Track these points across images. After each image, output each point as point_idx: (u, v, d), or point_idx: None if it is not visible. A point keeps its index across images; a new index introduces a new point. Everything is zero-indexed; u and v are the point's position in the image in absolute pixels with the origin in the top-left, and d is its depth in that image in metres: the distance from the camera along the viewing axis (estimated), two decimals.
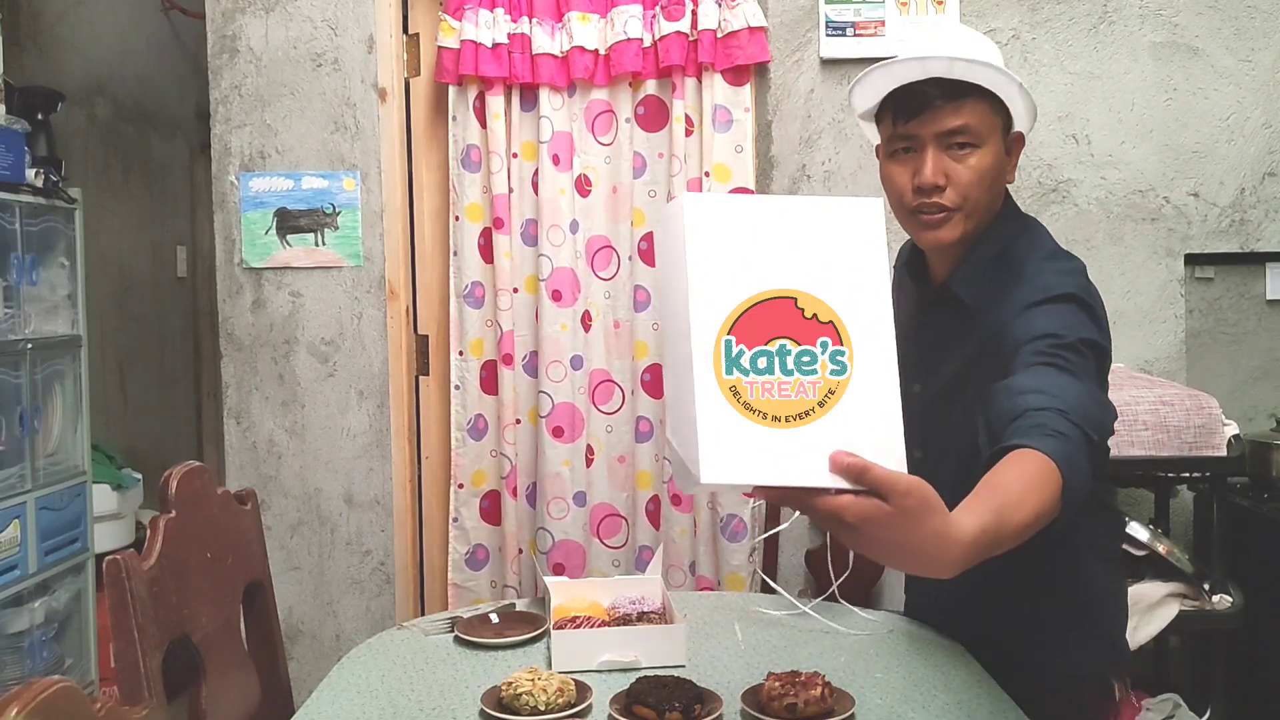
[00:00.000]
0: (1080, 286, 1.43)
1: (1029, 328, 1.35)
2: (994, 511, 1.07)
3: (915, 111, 1.45)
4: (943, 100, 1.44)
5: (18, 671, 2.58)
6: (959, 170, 1.45)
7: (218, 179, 2.76)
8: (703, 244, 1.01)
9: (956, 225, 1.47)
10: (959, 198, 1.46)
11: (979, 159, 1.45)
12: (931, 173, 1.45)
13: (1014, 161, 1.53)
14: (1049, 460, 1.14)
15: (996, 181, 1.49)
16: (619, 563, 2.77)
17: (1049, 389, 1.25)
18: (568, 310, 2.72)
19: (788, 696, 1.39)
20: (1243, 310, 2.75)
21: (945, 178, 1.46)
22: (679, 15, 2.61)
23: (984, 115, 1.45)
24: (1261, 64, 2.66)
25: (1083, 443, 1.20)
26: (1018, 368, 1.32)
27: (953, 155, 1.45)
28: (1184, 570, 2.27)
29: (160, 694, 1.40)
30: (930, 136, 1.45)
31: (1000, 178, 1.50)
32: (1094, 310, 1.42)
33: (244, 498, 1.81)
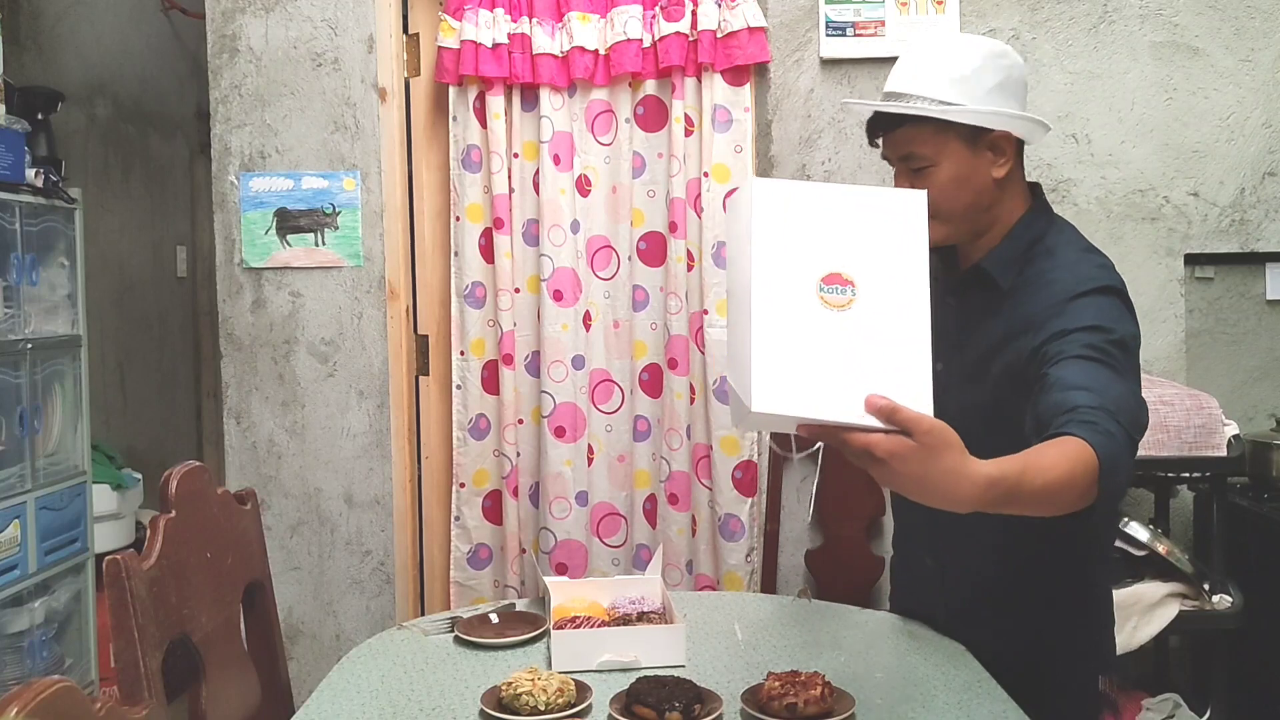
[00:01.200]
0: (1120, 281, 1.51)
1: (1078, 316, 1.41)
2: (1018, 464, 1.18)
3: (872, 142, 1.63)
4: (884, 132, 1.59)
5: (18, 671, 2.58)
6: (919, 185, 1.52)
7: (218, 179, 2.76)
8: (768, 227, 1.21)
9: (938, 229, 1.49)
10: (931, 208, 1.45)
11: (934, 175, 1.55)
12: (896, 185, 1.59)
13: (1005, 159, 1.57)
14: (1089, 448, 1.21)
15: (966, 188, 1.56)
16: (618, 561, 2.77)
17: (1097, 387, 1.31)
18: (569, 310, 2.72)
19: (788, 696, 1.39)
20: (1243, 310, 2.75)
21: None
22: (679, 16, 2.61)
23: (926, 138, 1.54)
24: (1261, 64, 2.66)
25: (1126, 443, 1.27)
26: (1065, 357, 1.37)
27: (913, 174, 1.57)
28: (1184, 570, 2.27)
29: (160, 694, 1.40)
30: (894, 159, 1.60)
31: (977, 184, 1.56)
32: (1131, 305, 1.49)
33: (244, 498, 1.81)
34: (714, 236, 2.65)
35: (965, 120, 1.52)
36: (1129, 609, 2.20)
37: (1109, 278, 1.50)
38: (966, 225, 1.59)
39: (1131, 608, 2.20)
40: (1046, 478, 1.19)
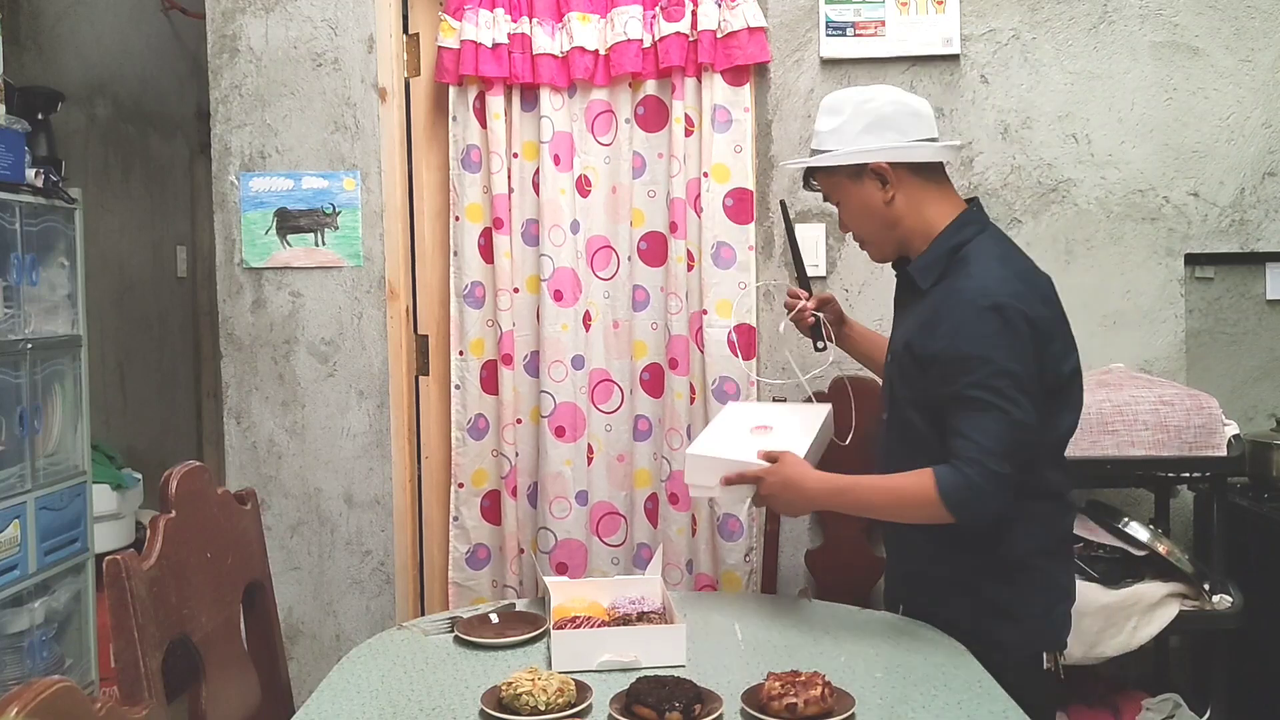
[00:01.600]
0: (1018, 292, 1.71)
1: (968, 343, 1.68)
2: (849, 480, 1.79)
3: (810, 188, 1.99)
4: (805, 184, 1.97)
5: (18, 671, 2.58)
6: (842, 218, 1.93)
7: (218, 179, 2.76)
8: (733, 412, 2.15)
9: (869, 250, 1.96)
10: (856, 236, 1.95)
11: (843, 209, 1.91)
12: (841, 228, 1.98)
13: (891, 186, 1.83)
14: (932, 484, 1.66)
15: (867, 214, 1.87)
16: (618, 560, 2.77)
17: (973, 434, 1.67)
18: (569, 310, 2.72)
19: (788, 696, 1.39)
20: (1243, 310, 2.75)
21: (844, 225, 1.95)
22: (679, 16, 2.61)
23: (825, 181, 1.90)
24: (1261, 64, 2.66)
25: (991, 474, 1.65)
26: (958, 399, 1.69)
27: (837, 208, 1.93)
28: (1184, 570, 2.27)
29: (160, 694, 1.40)
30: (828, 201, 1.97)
31: (873, 209, 1.86)
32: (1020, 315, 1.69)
33: (244, 498, 1.81)
34: (714, 237, 2.65)
35: (829, 163, 1.85)
36: (1129, 609, 2.20)
37: (1003, 292, 1.70)
38: (889, 244, 1.90)
39: (1131, 608, 2.20)
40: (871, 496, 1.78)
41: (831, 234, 2.70)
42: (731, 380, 2.66)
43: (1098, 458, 2.23)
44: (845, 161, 1.82)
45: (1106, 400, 2.26)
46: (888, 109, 1.83)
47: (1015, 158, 2.68)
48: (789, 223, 2.24)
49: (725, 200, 2.66)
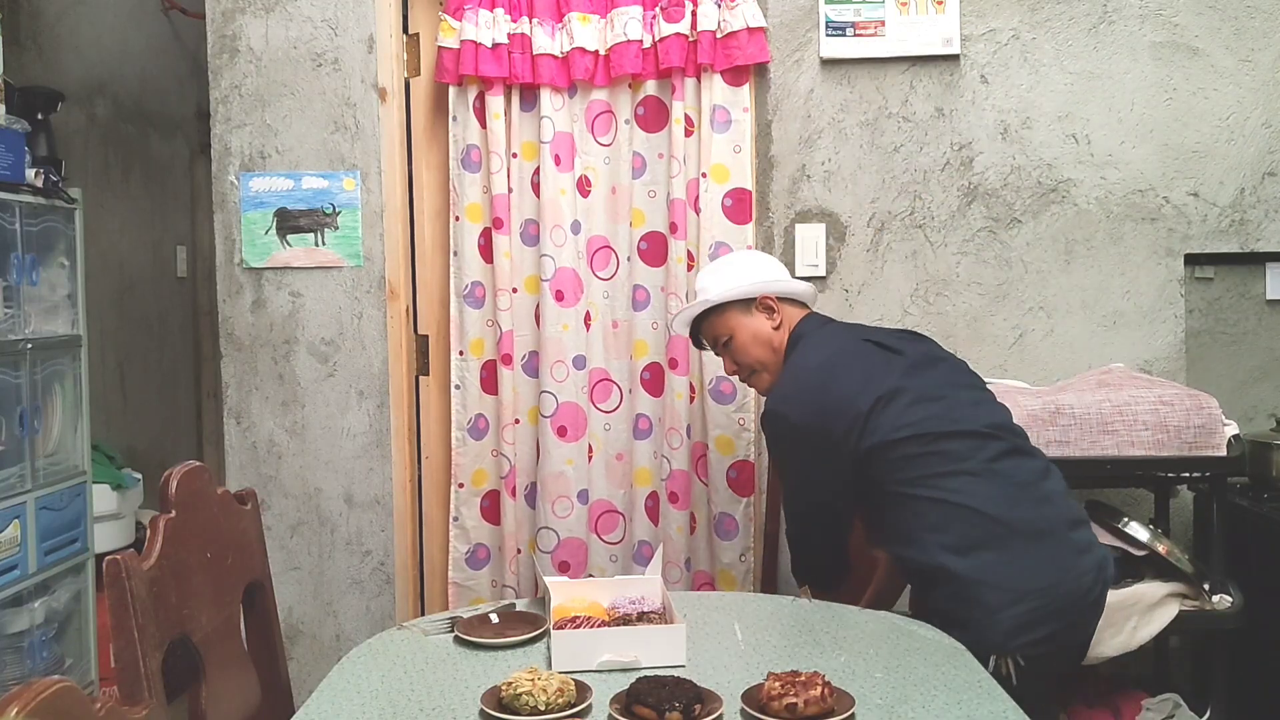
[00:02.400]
0: (780, 403, 2.02)
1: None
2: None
3: (700, 346, 2.33)
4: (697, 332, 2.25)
5: (18, 671, 2.58)
6: (734, 354, 2.18)
7: (218, 179, 2.76)
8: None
9: (760, 379, 2.18)
10: (746, 369, 2.18)
11: (735, 343, 2.16)
12: (726, 369, 2.24)
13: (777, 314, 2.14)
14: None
15: (757, 342, 2.14)
16: (616, 558, 2.77)
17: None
18: (570, 310, 2.72)
19: (788, 696, 1.39)
20: (1243, 310, 2.75)
21: (733, 364, 2.20)
22: (679, 17, 2.61)
23: (714, 325, 2.18)
24: (1261, 64, 2.66)
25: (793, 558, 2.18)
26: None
27: (725, 350, 2.19)
28: (1184, 570, 2.27)
29: (160, 694, 1.40)
30: (714, 350, 2.24)
31: (764, 336, 2.14)
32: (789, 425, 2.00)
33: (244, 498, 1.81)
34: (712, 237, 2.65)
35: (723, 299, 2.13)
36: (1129, 609, 2.20)
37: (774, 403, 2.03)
38: (775, 367, 2.12)
39: (1131, 608, 2.20)
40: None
41: (831, 234, 2.70)
42: (728, 381, 2.66)
43: (1098, 458, 2.23)
44: (728, 297, 2.13)
45: (1106, 400, 2.26)
46: (760, 259, 2.27)
47: (1015, 158, 2.68)
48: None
49: (724, 200, 2.66)
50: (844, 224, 2.71)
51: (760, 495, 2.71)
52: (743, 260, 2.28)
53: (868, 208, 2.70)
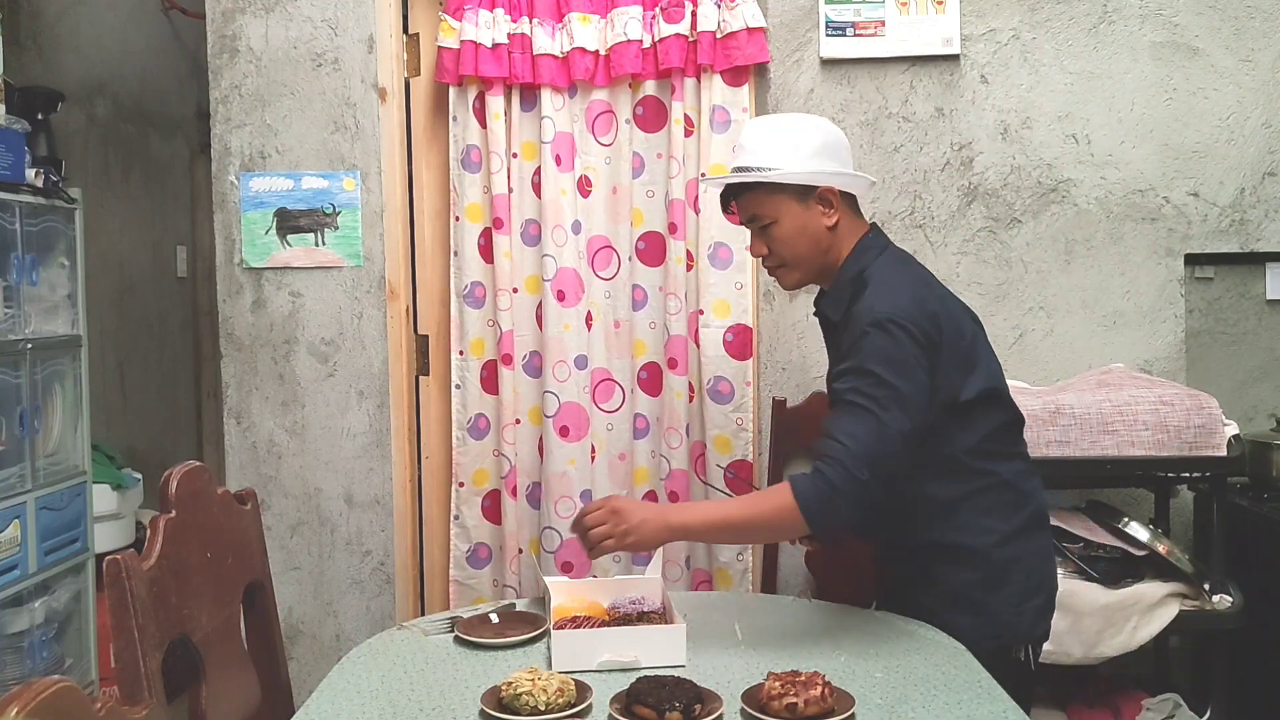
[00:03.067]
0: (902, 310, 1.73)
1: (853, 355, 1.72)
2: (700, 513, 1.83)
3: (724, 208, 1.96)
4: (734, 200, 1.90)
5: (18, 671, 2.58)
6: (770, 242, 1.87)
7: (218, 179, 2.76)
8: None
9: (789, 274, 1.91)
10: (778, 259, 1.89)
11: (777, 230, 1.85)
12: (753, 250, 1.93)
13: (835, 211, 1.85)
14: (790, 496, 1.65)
15: (809, 237, 1.85)
16: (619, 559, 2.76)
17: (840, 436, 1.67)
18: (572, 310, 2.72)
19: (788, 696, 1.39)
20: (1243, 310, 2.75)
21: (765, 248, 1.89)
22: (679, 17, 2.61)
23: (763, 200, 1.85)
24: (1261, 64, 2.66)
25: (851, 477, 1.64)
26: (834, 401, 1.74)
27: (761, 233, 1.88)
28: (1184, 570, 2.27)
29: (160, 694, 1.40)
30: (745, 223, 1.92)
31: (812, 233, 1.85)
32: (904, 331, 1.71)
33: (244, 498, 1.81)
34: (711, 237, 2.65)
35: (787, 180, 1.81)
36: (1129, 609, 2.20)
37: (889, 307, 1.73)
38: (813, 269, 1.89)
39: (1131, 608, 2.20)
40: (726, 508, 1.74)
41: None
42: (726, 380, 2.66)
43: (1098, 458, 2.23)
44: (800, 181, 1.82)
45: (1106, 400, 2.26)
46: (831, 138, 1.88)
47: (1015, 158, 2.68)
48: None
49: None
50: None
51: None
52: (808, 130, 1.87)
53: (868, 208, 2.69)
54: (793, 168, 1.81)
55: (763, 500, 1.74)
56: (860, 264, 1.85)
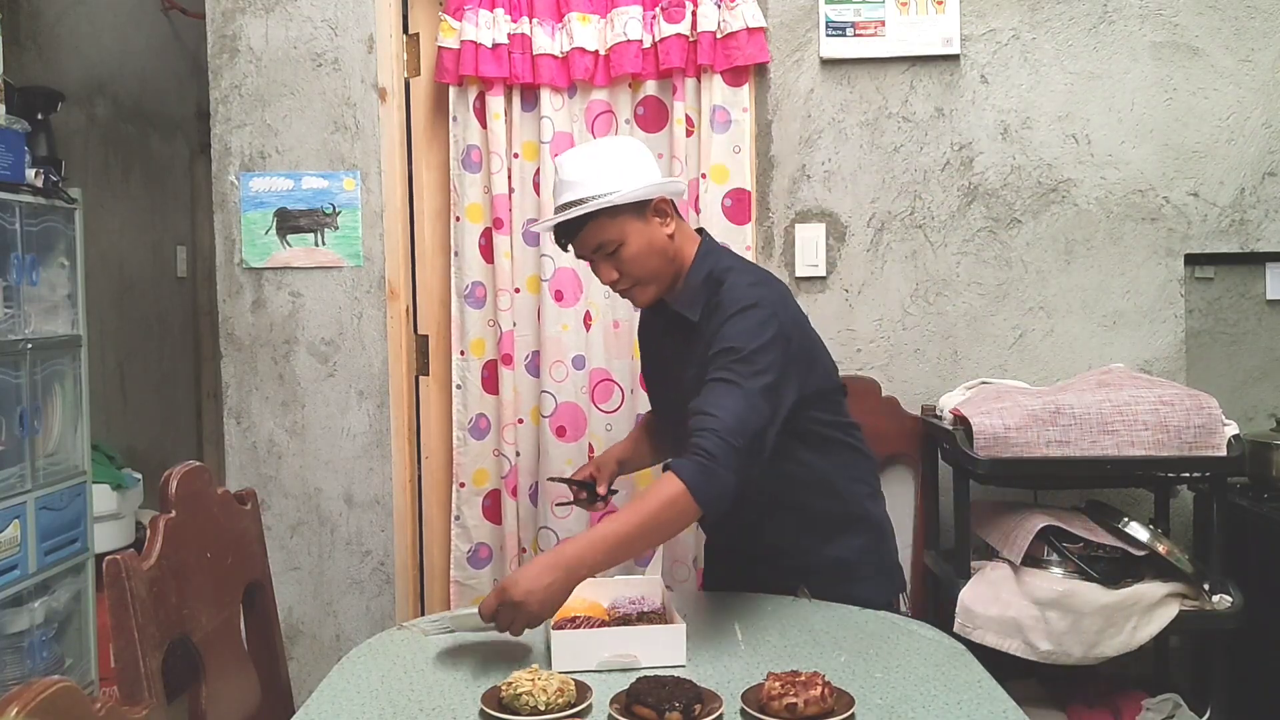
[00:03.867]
0: (765, 296, 1.81)
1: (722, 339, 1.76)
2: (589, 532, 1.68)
3: (565, 245, 1.92)
4: (571, 237, 1.88)
5: (18, 671, 2.58)
6: (619, 264, 1.87)
7: (218, 179, 2.76)
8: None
9: (644, 291, 1.91)
10: (631, 279, 1.89)
11: (626, 251, 1.85)
12: (604, 276, 1.90)
13: (670, 219, 1.89)
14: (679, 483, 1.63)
15: (655, 250, 1.87)
16: None
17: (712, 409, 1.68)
18: (570, 310, 2.72)
19: (788, 696, 1.39)
20: (1243, 310, 2.75)
21: (616, 272, 1.88)
22: (679, 17, 2.61)
23: (605, 226, 1.84)
24: (1261, 64, 2.66)
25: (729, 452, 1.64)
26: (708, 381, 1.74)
27: (610, 257, 1.87)
28: (1184, 570, 2.27)
29: (160, 694, 1.40)
30: (587, 254, 1.90)
31: (657, 246, 1.87)
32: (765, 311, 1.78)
33: (244, 498, 1.81)
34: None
35: (627, 200, 1.82)
36: (1129, 609, 2.20)
37: (753, 295, 1.80)
38: (665, 280, 1.91)
39: (1131, 608, 2.20)
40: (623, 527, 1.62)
41: (831, 234, 2.70)
42: None
43: (1098, 458, 2.23)
44: (639, 197, 1.83)
45: (1106, 400, 2.26)
46: (642, 151, 1.91)
47: (1015, 158, 2.68)
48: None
49: (724, 201, 2.66)
50: (844, 224, 2.71)
51: None
52: (622, 149, 1.90)
53: (868, 208, 2.70)
54: (628, 187, 1.82)
55: (650, 499, 1.64)
56: (708, 265, 1.91)
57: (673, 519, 1.64)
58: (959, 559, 2.33)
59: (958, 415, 2.33)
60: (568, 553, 1.61)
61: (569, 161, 1.88)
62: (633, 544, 1.63)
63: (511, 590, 1.57)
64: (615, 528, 1.63)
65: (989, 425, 2.23)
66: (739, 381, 1.70)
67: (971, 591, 2.25)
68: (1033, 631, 2.18)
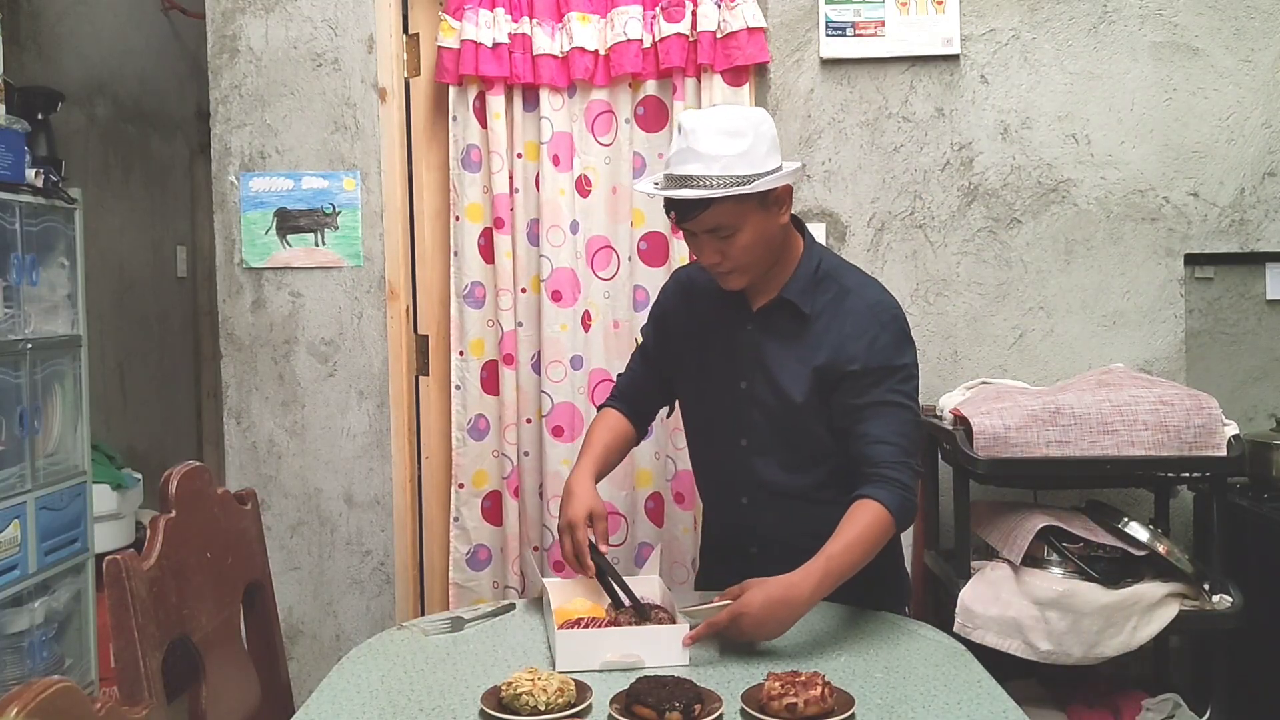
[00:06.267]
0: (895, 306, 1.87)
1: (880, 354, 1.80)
2: (823, 561, 1.67)
3: (680, 217, 1.79)
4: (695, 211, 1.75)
5: (18, 671, 2.58)
6: (728, 249, 1.78)
7: (218, 179, 2.76)
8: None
9: (741, 278, 1.84)
10: (733, 264, 1.81)
11: (741, 239, 1.77)
12: (707, 256, 1.81)
13: (787, 206, 1.82)
14: (884, 510, 1.71)
15: (765, 240, 1.80)
16: (618, 560, 2.76)
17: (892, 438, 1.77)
18: (568, 310, 2.72)
19: (788, 696, 1.39)
20: (1243, 310, 2.75)
21: (720, 255, 1.79)
22: (679, 17, 2.61)
23: (732, 209, 1.74)
24: (1261, 64, 2.66)
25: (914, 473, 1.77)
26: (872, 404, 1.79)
27: (720, 240, 1.78)
28: (1184, 570, 2.26)
29: (160, 694, 1.40)
30: (698, 231, 1.78)
31: (768, 236, 1.80)
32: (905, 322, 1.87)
33: (244, 498, 1.81)
34: None
35: (763, 188, 1.73)
36: (1129, 609, 2.20)
37: (892, 305, 1.86)
38: (763, 269, 1.85)
39: (1131, 608, 2.20)
40: (848, 559, 1.69)
41: (831, 234, 2.70)
42: None
43: (1098, 457, 2.22)
44: (772, 185, 1.74)
45: (1106, 400, 2.26)
46: (772, 129, 1.79)
47: (1015, 158, 2.68)
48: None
49: None
50: (844, 224, 2.71)
51: None
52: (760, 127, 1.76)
53: (868, 208, 2.70)
54: (765, 171, 1.73)
55: (864, 530, 1.71)
56: (816, 256, 1.89)
57: (878, 544, 1.74)
58: (959, 559, 2.33)
59: (958, 415, 2.33)
60: (803, 591, 1.64)
61: (704, 129, 1.73)
62: (849, 573, 1.70)
63: (744, 622, 1.62)
64: (838, 564, 1.68)
65: (989, 425, 2.23)
66: (908, 404, 1.81)
67: (971, 591, 2.25)
68: (1033, 631, 2.18)
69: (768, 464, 1.90)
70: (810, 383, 1.83)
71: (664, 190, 1.78)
